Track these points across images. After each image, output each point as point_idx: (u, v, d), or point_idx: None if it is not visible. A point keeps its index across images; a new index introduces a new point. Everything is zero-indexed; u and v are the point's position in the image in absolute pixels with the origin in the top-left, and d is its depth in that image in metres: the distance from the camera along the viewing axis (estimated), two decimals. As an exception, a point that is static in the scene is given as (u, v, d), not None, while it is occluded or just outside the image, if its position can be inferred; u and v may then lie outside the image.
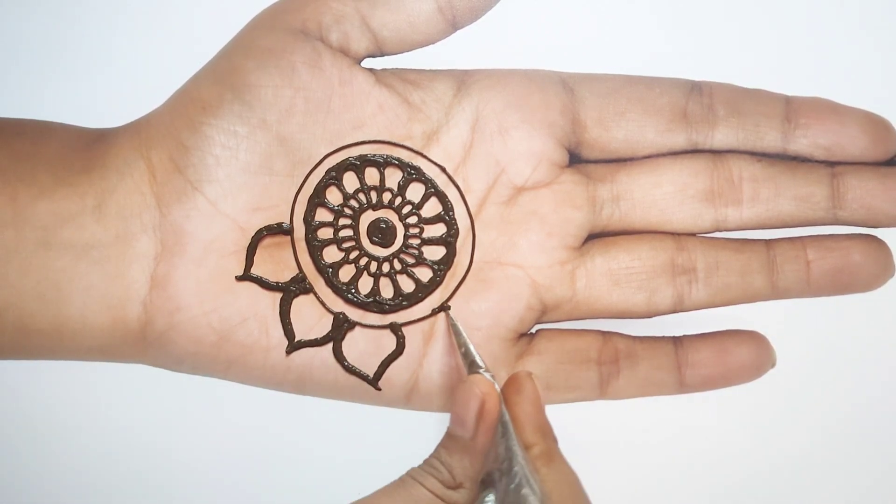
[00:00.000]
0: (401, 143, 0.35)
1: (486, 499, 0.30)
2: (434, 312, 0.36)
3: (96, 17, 0.48)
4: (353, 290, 0.35)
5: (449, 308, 0.35)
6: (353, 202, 0.36)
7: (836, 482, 0.48)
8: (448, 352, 0.35)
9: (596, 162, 0.36)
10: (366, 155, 0.35)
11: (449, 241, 0.36)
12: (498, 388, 0.32)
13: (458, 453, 0.32)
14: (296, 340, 0.35)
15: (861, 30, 0.48)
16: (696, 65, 0.38)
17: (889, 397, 0.48)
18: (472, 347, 0.34)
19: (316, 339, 0.35)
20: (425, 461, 0.32)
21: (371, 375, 0.35)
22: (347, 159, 0.35)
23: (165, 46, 0.47)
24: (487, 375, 0.32)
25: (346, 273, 0.36)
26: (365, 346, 0.35)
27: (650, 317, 0.37)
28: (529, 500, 0.29)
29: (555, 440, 0.32)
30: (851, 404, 0.48)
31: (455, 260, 0.36)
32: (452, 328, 0.35)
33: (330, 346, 0.35)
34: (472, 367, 0.33)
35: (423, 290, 0.36)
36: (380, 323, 0.35)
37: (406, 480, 0.32)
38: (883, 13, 0.48)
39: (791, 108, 0.36)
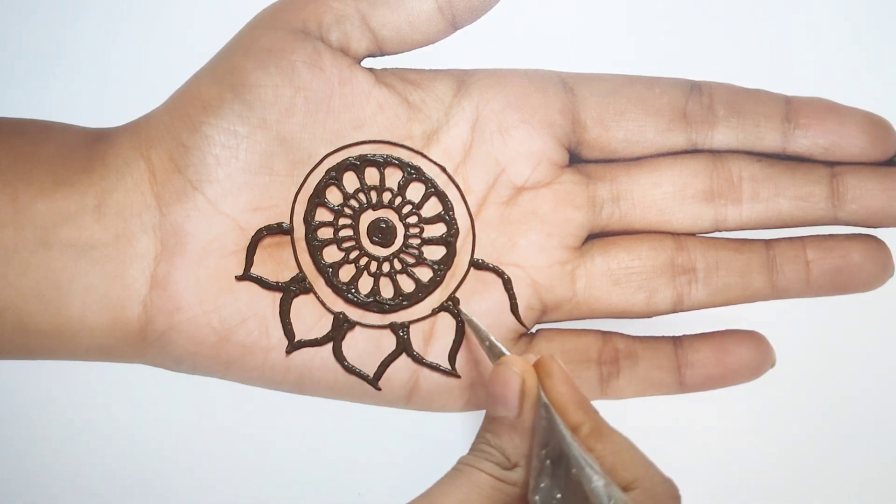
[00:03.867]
0: (401, 142, 0.35)
1: (541, 485, 0.30)
2: (440, 308, 0.35)
3: (96, 17, 0.48)
4: (353, 290, 0.35)
5: (457, 301, 0.35)
6: (353, 202, 0.36)
7: (835, 482, 0.48)
8: (448, 348, 0.36)
9: (596, 162, 0.36)
10: (366, 155, 0.35)
11: (449, 240, 0.36)
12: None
13: (506, 434, 0.31)
14: (296, 340, 0.35)
15: (861, 30, 0.48)
16: (696, 65, 0.38)
17: (889, 397, 0.48)
18: (492, 336, 0.34)
19: (316, 339, 0.35)
20: (474, 448, 0.32)
21: (371, 375, 0.35)
22: (347, 159, 0.35)
23: (165, 46, 0.47)
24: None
25: (346, 273, 0.36)
26: (365, 346, 0.35)
27: (650, 317, 0.37)
28: (594, 482, 0.29)
29: (597, 412, 0.31)
30: (851, 404, 0.48)
31: (455, 260, 0.36)
32: (468, 322, 0.35)
33: (330, 346, 0.35)
34: (498, 353, 0.33)
35: (423, 290, 0.36)
36: (380, 323, 0.35)
37: (461, 469, 0.31)
38: (883, 13, 0.48)
39: (791, 109, 0.36)
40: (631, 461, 0.31)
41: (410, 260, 0.36)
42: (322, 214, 0.35)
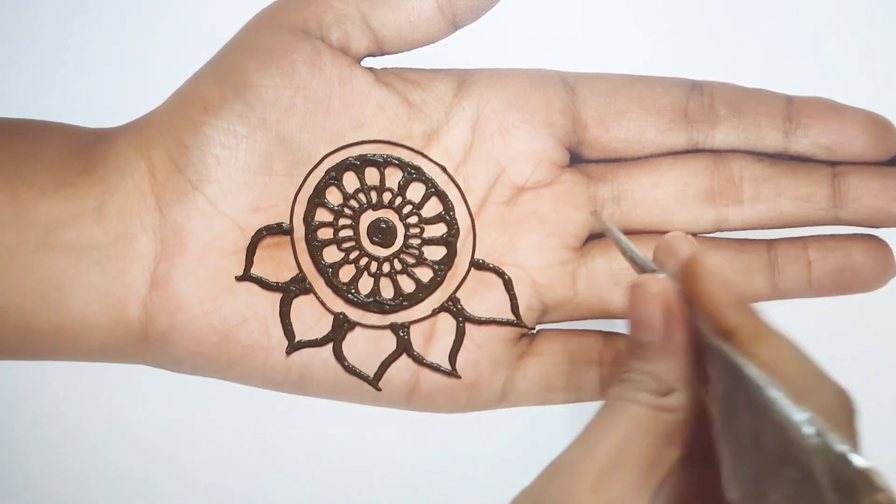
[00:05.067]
0: (401, 142, 0.35)
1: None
2: (441, 309, 0.35)
3: (96, 17, 0.48)
4: (354, 290, 0.35)
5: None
6: (353, 202, 0.36)
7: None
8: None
9: (597, 162, 0.36)
10: (366, 155, 0.35)
11: (449, 240, 0.36)
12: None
13: (654, 359, 0.29)
14: (296, 340, 0.35)
15: (862, 29, 0.48)
16: (697, 65, 0.38)
17: (890, 397, 0.48)
18: (635, 248, 0.31)
19: (316, 340, 0.35)
20: (622, 380, 0.29)
21: (371, 376, 0.35)
22: (347, 159, 0.35)
23: (165, 46, 0.47)
24: (660, 276, 0.29)
25: (346, 273, 0.35)
26: (365, 347, 0.35)
27: (651, 317, 0.36)
28: (765, 389, 0.24)
29: (758, 313, 0.28)
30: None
31: (455, 260, 0.36)
32: (607, 231, 0.32)
33: (330, 346, 0.35)
34: (641, 267, 0.30)
35: (424, 290, 0.36)
36: (380, 323, 0.35)
37: (614, 405, 0.28)
38: (883, 13, 0.48)
39: (792, 108, 0.36)
40: (799, 369, 0.27)
41: (411, 260, 0.36)
42: (322, 214, 0.35)
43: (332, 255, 0.35)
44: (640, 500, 0.27)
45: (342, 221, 0.36)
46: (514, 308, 0.36)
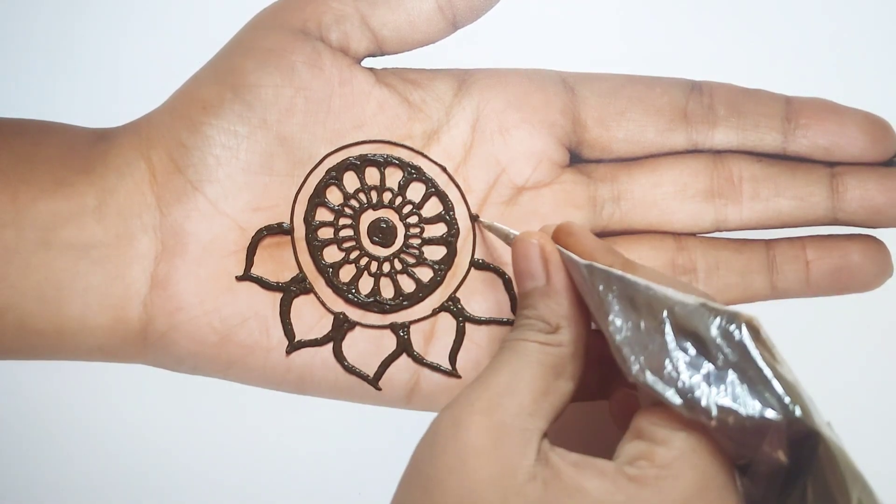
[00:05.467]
0: (401, 142, 0.35)
1: (611, 319, 0.30)
2: (441, 309, 0.35)
3: (96, 18, 0.48)
4: (354, 290, 0.35)
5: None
6: (353, 202, 0.36)
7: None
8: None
9: (597, 162, 0.36)
10: (366, 154, 0.35)
11: (449, 240, 0.36)
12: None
13: (540, 302, 0.32)
14: (296, 340, 0.35)
15: (861, 29, 0.48)
16: (697, 65, 0.38)
17: (889, 397, 0.49)
18: (513, 230, 0.34)
19: (316, 339, 0.35)
20: (514, 327, 0.32)
21: (371, 376, 0.35)
22: (348, 159, 0.35)
23: (165, 46, 0.47)
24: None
25: (346, 273, 0.36)
26: (365, 346, 0.35)
27: (650, 316, 0.37)
28: (643, 284, 0.29)
29: (621, 253, 0.32)
30: (850, 405, 0.48)
31: (455, 260, 0.36)
32: (490, 228, 0.35)
33: (330, 346, 0.35)
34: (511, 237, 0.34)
35: (424, 290, 0.36)
36: (380, 323, 0.35)
37: (507, 345, 0.31)
38: (883, 13, 0.48)
39: (791, 109, 0.36)
40: (668, 281, 0.31)
41: (411, 260, 0.36)
42: (322, 214, 0.35)
43: (332, 254, 0.36)
44: (531, 424, 0.29)
45: (342, 221, 0.36)
46: (514, 308, 0.36)
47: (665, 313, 0.29)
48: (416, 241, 0.36)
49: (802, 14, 0.48)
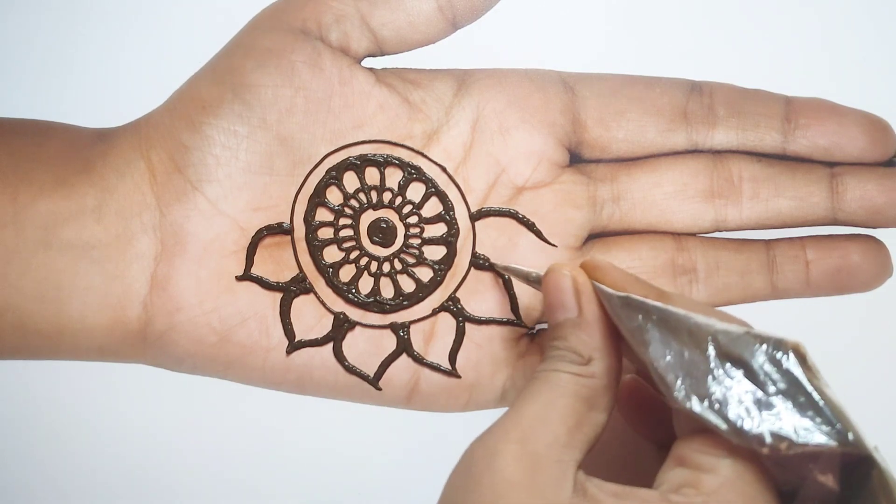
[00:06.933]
0: (401, 142, 0.35)
1: (651, 351, 0.29)
2: (441, 308, 0.35)
3: (96, 18, 0.48)
4: (354, 290, 0.35)
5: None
6: (353, 202, 0.36)
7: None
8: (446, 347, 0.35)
9: (596, 162, 0.36)
10: (366, 154, 0.35)
11: (449, 240, 0.36)
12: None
13: (572, 334, 0.31)
14: (296, 340, 0.35)
15: (861, 30, 0.48)
16: (696, 65, 0.38)
17: (889, 397, 0.49)
18: (531, 270, 0.34)
19: (316, 339, 0.35)
20: (545, 358, 0.31)
21: (371, 375, 0.35)
22: (348, 159, 0.35)
23: (165, 46, 0.47)
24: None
25: (346, 273, 0.36)
26: (365, 346, 0.35)
27: (650, 316, 0.37)
28: (683, 314, 0.29)
29: (650, 284, 0.32)
30: (850, 405, 0.48)
31: (455, 260, 0.36)
32: (505, 269, 0.35)
33: (330, 346, 0.35)
34: (535, 280, 0.34)
35: (424, 290, 0.36)
36: (380, 323, 0.35)
37: (539, 376, 0.31)
38: (883, 13, 0.48)
39: (791, 109, 0.36)
40: (702, 310, 0.30)
41: (411, 260, 0.36)
42: (322, 214, 0.35)
43: (332, 254, 0.36)
44: (565, 455, 0.29)
45: (342, 221, 0.36)
46: (514, 308, 0.36)
47: (709, 340, 0.29)
48: (416, 241, 0.36)
49: (802, 14, 0.48)
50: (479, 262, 0.36)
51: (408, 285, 0.36)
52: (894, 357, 0.48)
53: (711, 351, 0.29)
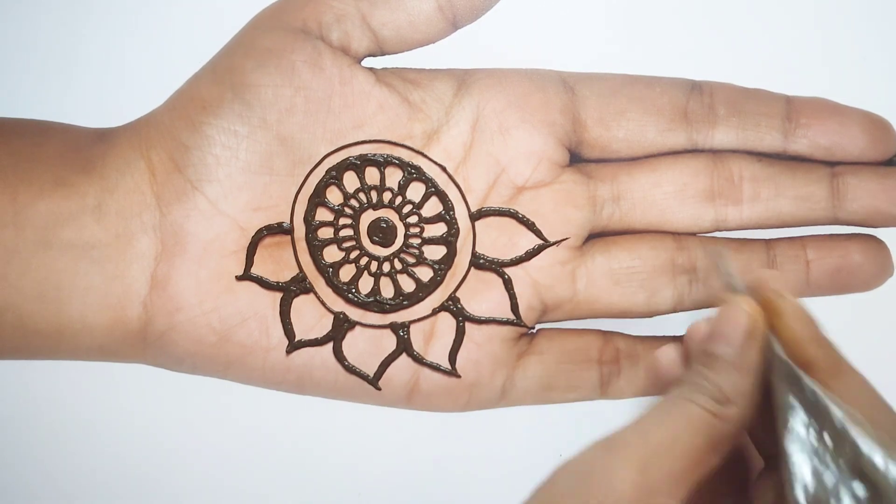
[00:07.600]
0: (401, 142, 0.35)
1: (790, 425, 0.28)
2: (441, 308, 0.35)
3: (96, 17, 0.48)
4: (354, 290, 0.35)
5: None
6: (353, 202, 0.36)
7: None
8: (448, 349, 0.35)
9: (596, 161, 0.36)
10: (366, 154, 0.35)
11: (449, 240, 0.36)
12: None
13: (723, 371, 0.30)
14: (296, 340, 0.35)
15: (862, 29, 0.48)
16: (697, 65, 0.38)
17: (889, 397, 0.48)
18: (734, 271, 0.32)
19: (316, 339, 0.35)
20: (688, 381, 0.30)
21: (371, 375, 0.35)
22: (348, 159, 0.35)
23: (165, 46, 0.47)
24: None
25: (346, 273, 0.36)
26: (365, 346, 0.35)
27: (650, 316, 0.37)
28: (838, 416, 0.28)
29: (835, 348, 0.30)
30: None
31: (455, 259, 0.36)
32: (714, 255, 0.34)
33: (330, 345, 0.35)
34: (732, 289, 0.32)
35: (424, 290, 0.36)
36: (380, 323, 0.35)
37: (675, 401, 0.30)
38: (883, 13, 0.48)
39: (791, 108, 0.36)
40: (870, 404, 0.29)
41: (411, 260, 0.36)
42: (322, 214, 0.35)
43: (332, 254, 0.36)
44: (678, 490, 0.28)
45: (342, 221, 0.36)
46: (514, 307, 0.36)
47: (847, 448, 0.28)
48: (416, 241, 0.36)
49: (802, 14, 0.48)
50: (481, 262, 0.36)
51: (408, 285, 0.36)
52: (894, 357, 0.48)
53: (843, 460, 0.28)
